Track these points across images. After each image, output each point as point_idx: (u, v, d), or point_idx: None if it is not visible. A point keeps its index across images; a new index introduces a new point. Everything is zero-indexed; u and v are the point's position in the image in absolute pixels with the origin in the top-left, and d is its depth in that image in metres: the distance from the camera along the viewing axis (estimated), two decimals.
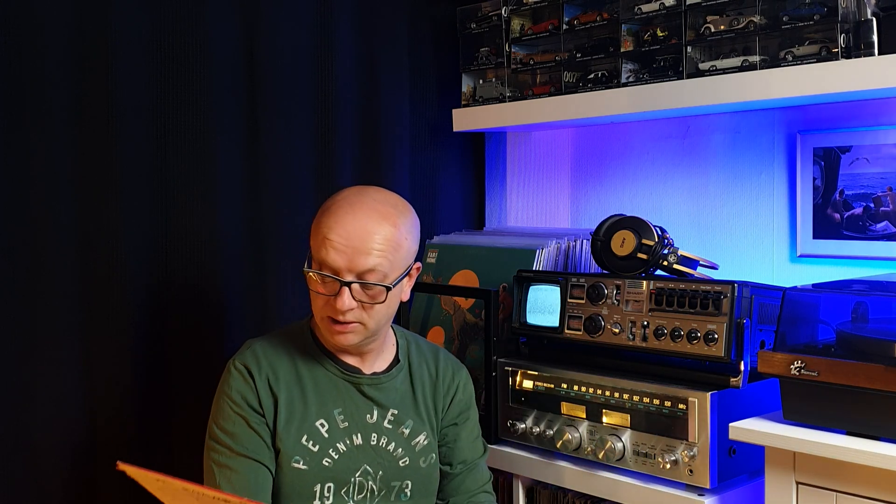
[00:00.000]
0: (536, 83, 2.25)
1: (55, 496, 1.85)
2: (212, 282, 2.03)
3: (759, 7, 1.81)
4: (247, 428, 1.57)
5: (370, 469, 1.61)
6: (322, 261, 1.54)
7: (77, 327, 1.87)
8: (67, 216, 1.85)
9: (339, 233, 1.53)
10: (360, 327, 1.57)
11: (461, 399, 1.76)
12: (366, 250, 1.53)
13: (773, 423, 1.55)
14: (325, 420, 1.61)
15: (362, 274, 1.53)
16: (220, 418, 1.59)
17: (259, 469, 1.56)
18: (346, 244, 1.52)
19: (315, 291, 1.56)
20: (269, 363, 1.62)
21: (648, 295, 1.78)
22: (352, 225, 1.53)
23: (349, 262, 1.52)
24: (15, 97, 1.79)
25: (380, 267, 1.54)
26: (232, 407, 1.58)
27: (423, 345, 1.78)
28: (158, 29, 1.95)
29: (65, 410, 1.86)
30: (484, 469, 1.79)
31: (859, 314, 1.63)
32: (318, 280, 1.55)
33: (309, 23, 2.17)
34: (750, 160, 2.15)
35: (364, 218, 1.54)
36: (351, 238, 1.52)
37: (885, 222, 1.91)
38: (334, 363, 1.65)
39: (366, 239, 1.53)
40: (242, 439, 1.57)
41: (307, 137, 2.18)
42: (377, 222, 1.55)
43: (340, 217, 1.54)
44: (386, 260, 1.54)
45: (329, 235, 1.53)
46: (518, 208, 2.51)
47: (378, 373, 1.68)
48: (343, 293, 1.53)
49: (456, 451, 1.75)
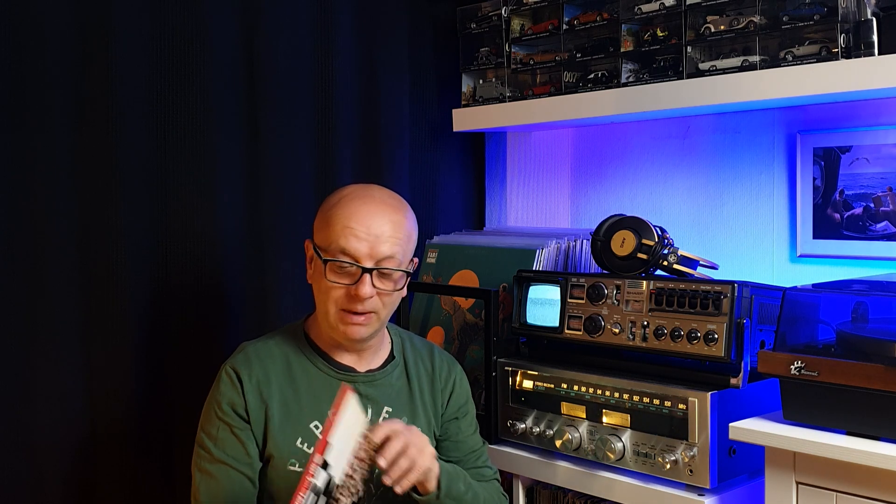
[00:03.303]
0: (536, 83, 2.25)
1: (55, 496, 1.85)
2: (212, 281, 2.03)
3: (759, 7, 1.81)
4: (230, 434, 1.58)
5: None
6: (343, 249, 1.57)
7: (77, 327, 1.87)
8: (67, 216, 1.85)
9: (360, 221, 1.57)
10: (373, 318, 1.60)
11: (459, 394, 1.78)
12: (385, 238, 1.58)
13: (773, 423, 1.55)
14: (319, 421, 1.61)
15: (381, 261, 1.58)
16: (206, 423, 1.62)
17: (237, 477, 1.57)
18: (368, 232, 1.57)
19: (332, 282, 1.58)
20: (262, 366, 1.63)
21: (648, 295, 1.78)
22: (370, 215, 1.58)
23: (370, 249, 1.57)
24: (15, 97, 1.79)
25: (397, 255, 1.59)
26: (217, 412, 1.60)
27: (416, 342, 1.80)
28: (158, 28, 1.95)
29: (65, 410, 1.86)
30: (489, 462, 1.81)
31: (859, 314, 1.63)
32: (339, 269, 1.58)
33: (309, 22, 2.17)
34: (750, 160, 2.15)
35: (380, 208, 1.60)
36: (371, 227, 1.57)
37: (885, 222, 1.91)
38: (328, 363, 1.66)
39: (385, 227, 1.58)
40: (224, 445, 1.58)
41: (307, 137, 2.18)
42: (392, 212, 1.61)
43: (357, 207, 1.59)
44: (401, 248, 1.60)
45: (350, 224, 1.57)
46: (518, 208, 2.51)
47: (373, 370, 1.69)
48: (364, 280, 1.57)
49: (460, 444, 1.77)
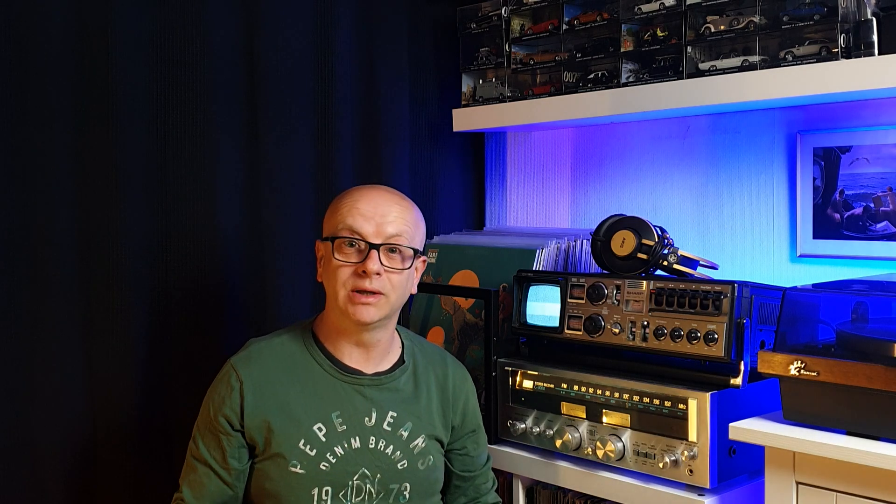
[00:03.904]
0: (536, 83, 2.25)
1: (55, 496, 1.85)
2: (212, 281, 2.03)
3: (759, 7, 1.81)
4: (214, 439, 1.61)
5: (368, 472, 1.62)
6: (350, 227, 1.62)
7: (77, 327, 1.87)
8: (67, 216, 1.85)
9: (367, 202, 1.64)
10: (382, 299, 1.62)
11: (473, 409, 1.80)
12: (392, 217, 1.64)
13: (773, 423, 1.55)
14: (322, 424, 1.61)
15: (389, 238, 1.62)
16: (200, 416, 1.66)
17: (214, 478, 1.61)
18: (375, 210, 1.63)
19: (341, 261, 1.61)
20: (264, 366, 1.64)
21: (648, 295, 1.78)
22: (377, 198, 1.66)
23: (377, 227, 1.62)
24: (16, 97, 1.79)
25: (404, 234, 1.64)
26: (210, 410, 1.63)
27: (427, 348, 1.80)
28: (158, 29, 1.95)
29: (65, 410, 1.86)
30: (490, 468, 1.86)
31: (859, 314, 1.63)
32: (347, 245, 1.62)
33: (309, 23, 2.17)
34: (750, 160, 2.15)
35: (387, 196, 1.68)
36: (378, 206, 1.64)
37: (885, 222, 1.91)
38: (334, 365, 1.65)
39: (391, 207, 1.65)
40: (208, 447, 1.62)
41: (307, 137, 2.17)
42: (399, 200, 1.68)
43: (364, 193, 1.67)
44: (408, 228, 1.65)
45: (357, 205, 1.63)
46: (518, 208, 2.51)
47: (381, 373, 1.68)
48: (373, 255, 1.60)
49: (475, 459, 1.80)
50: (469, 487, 1.80)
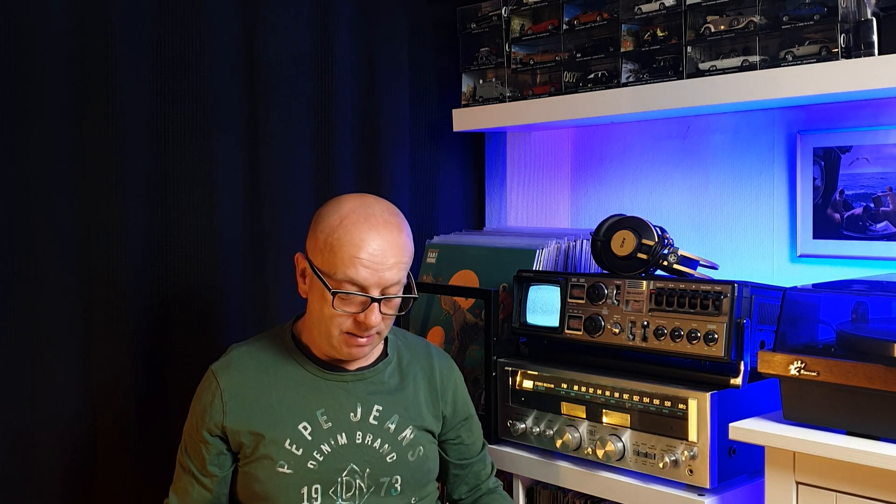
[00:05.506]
0: (536, 83, 2.25)
1: (55, 496, 1.85)
2: (211, 282, 2.03)
3: (759, 7, 1.81)
4: (195, 444, 1.63)
5: (357, 467, 1.62)
6: (351, 279, 1.55)
7: (77, 327, 1.87)
8: (67, 216, 1.85)
9: (368, 251, 1.54)
10: (376, 338, 1.62)
11: (462, 397, 1.79)
12: (390, 265, 1.56)
13: (773, 423, 1.55)
14: (307, 422, 1.61)
15: (388, 288, 1.57)
16: (186, 422, 1.67)
17: (196, 483, 1.63)
18: (377, 261, 1.55)
19: (340, 311, 1.57)
20: (247, 372, 1.64)
21: (648, 295, 1.78)
22: (377, 242, 1.55)
23: (379, 279, 1.55)
24: (15, 97, 1.79)
25: (402, 279, 1.59)
26: (193, 418, 1.65)
27: (411, 340, 1.80)
28: (158, 29, 1.95)
29: (65, 410, 1.86)
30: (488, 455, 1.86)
31: (859, 314, 1.63)
32: (347, 297, 1.56)
33: (309, 23, 2.17)
34: (750, 160, 2.15)
35: (384, 233, 1.56)
36: (375, 254, 1.55)
37: (885, 222, 1.91)
38: (316, 364, 1.66)
39: (390, 254, 1.56)
40: (190, 452, 1.64)
41: (307, 137, 2.17)
42: (395, 235, 1.58)
43: (363, 235, 1.55)
44: (405, 271, 1.60)
45: (357, 254, 1.54)
46: (518, 208, 2.51)
47: (364, 367, 1.68)
48: (373, 309, 1.56)
49: (470, 447, 1.80)
50: (468, 475, 1.80)
